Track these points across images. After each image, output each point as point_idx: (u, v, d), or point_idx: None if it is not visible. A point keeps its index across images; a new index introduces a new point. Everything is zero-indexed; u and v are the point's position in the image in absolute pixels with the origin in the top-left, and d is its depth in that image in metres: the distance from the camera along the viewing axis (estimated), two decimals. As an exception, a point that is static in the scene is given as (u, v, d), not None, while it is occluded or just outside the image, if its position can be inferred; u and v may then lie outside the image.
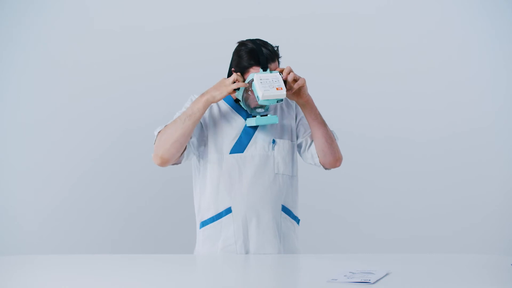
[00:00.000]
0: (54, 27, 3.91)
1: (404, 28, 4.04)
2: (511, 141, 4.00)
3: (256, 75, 2.36)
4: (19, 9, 3.85)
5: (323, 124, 2.50)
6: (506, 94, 4.01)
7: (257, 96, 2.34)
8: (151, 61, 3.94)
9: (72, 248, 3.83)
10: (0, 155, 3.85)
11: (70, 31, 3.91)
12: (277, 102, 2.38)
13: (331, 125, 2.57)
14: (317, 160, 2.56)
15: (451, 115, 4.03)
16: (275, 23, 3.93)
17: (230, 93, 2.38)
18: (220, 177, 2.47)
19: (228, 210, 2.47)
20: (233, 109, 2.53)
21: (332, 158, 2.54)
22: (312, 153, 2.56)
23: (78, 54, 3.91)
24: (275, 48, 2.46)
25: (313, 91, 3.94)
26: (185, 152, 2.44)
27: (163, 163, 2.42)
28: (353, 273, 1.93)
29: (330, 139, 2.51)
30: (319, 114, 2.49)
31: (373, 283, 1.81)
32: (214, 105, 2.54)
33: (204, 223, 2.51)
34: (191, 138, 2.46)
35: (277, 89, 2.34)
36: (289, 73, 2.39)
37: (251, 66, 2.41)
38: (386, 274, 1.92)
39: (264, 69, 2.40)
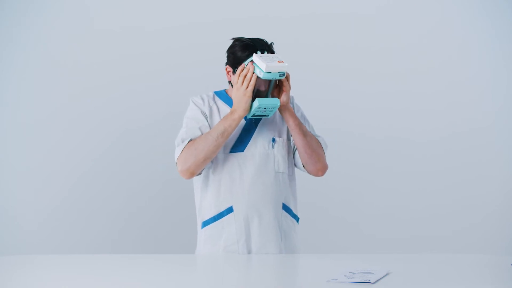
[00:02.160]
0: (54, 27, 3.91)
1: (404, 28, 4.04)
2: (511, 141, 4.00)
3: (254, 55, 2.38)
4: (19, 9, 3.85)
5: (302, 134, 2.47)
6: (506, 94, 4.01)
7: (260, 70, 2.34)
8: (151, 61, 3.94)
9: (72, 248, 3.83)
10: (0, 155, 3.85)
11: (70, 31, 3.91)
12: (280, 77, 2.36)
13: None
14: (300, 165, 2.57)
15: (451, 115, 4.02)
16: (275, 23, 3.93)
17: (252, 97, 2.38)
18: (221, 177, 2.48)
19: (230, 210, 2.47)
20: (233, 109, 2.53)
21: (312, 168, 2.54)
22: (297, 157, 2.56)
23: (78, 54, 3.91)
24: (270, 44, 2.48)
25: (313, 91, 3.95)
26: None
27: (191, 177, 2.46)
28: (353, 273, 1.92)
29: (310, 149, 2.49)
30: (300, 123, 2.48)
31: (373, 283, 1.81)
32: (214, 106, 2.54)
33: (205, 223, 2.51)
34: None
35: (278, 62, 2.34)
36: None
37: (247, 57, 2.42)
38: (386, 274, 1.92)
39: (262, 52, 2.41)
